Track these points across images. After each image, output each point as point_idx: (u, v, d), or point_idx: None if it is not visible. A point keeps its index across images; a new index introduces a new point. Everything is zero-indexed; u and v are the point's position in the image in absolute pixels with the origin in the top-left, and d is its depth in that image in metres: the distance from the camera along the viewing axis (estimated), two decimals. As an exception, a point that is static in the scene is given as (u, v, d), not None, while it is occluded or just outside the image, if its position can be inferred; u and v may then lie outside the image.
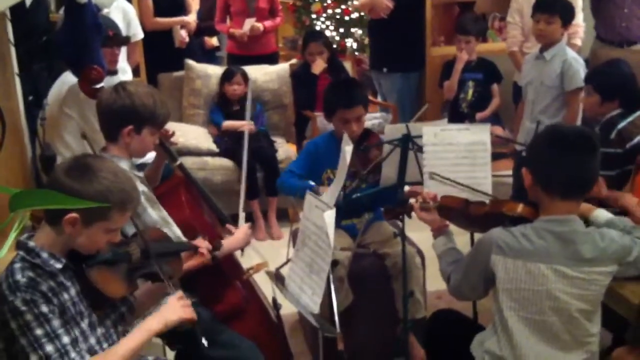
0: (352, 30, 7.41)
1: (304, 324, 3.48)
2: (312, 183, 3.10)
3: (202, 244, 2.51)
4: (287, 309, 2.87)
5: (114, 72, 3.79)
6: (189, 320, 2.07)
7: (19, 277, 1.86)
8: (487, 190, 2.71)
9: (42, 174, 3.56)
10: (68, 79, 3.57)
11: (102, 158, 2.08)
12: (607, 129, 3.28)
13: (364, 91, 3.45)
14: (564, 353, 2.18)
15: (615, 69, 3.39)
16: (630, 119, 3.27)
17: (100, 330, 2.03)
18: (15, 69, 3.85)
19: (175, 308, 2.06)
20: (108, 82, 3.28)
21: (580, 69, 3.97)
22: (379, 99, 5.73)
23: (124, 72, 4.22)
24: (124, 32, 4.04)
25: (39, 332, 1.84)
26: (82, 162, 1.97)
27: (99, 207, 1.88)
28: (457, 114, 5.04)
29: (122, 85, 2.60)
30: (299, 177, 3.25)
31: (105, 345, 2.02)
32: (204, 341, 2.14)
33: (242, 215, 2.95)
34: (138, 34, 4.64)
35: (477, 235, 2.58)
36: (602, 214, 2.45)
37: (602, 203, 2.73)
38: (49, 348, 1.84)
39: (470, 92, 5.07)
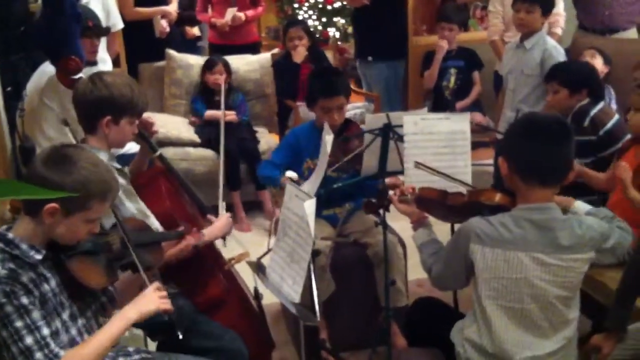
0: (335, 19, 7.41)
1: (286, 313, 3.48)
2: (292, 173, 3.09)
3: (189, 238, 2.51)
4: (269, 299, 2.88)
5: (93, 63, 3.76)
6: (165, 311, 2.07)
7: None
8: (467, 179, 2.73)
9: (22, 165, 3.53)
10: (47, 69, 3.54)
11: (81, 148, 2.07)
12: (579, 118, 3.37)
13: (345, 80, 3.45)
14: (543, 340, 2.20)
15: (575, 63, 3.50)
16: (599, 106, 3.42)
17: (81, 321, 2.03)
18: (-7, 60, 3.81)
19: (152, 298, 2.06)
20: (87, 72, 3.25)
21: (560, 58, 4.00)
22: (364, 89, 5.73)
23: (104, 63, 4.18)
24: (103, 22, 4.00)
25: (19, 324, 1.83)
26: (61, 152, 1.96)
27: (79, 196, 1.87)
28: (441, 102, 5.05)
29: (98, 75, 2.57)
30: (279, 167, 3.25)
31: (86, 336, 2.02)
32: (179, 333, 2.13)
33: (222, 205, 2.93)
34: (117, 24, 4.60)
35: (458, 226, 2.60)
36: (582, 206, 2.47)
37: (577, 189, 2.76)
38: (29, 340, 1.83)
39: (453, 79, 5.10)
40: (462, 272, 2.27)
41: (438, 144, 2.78)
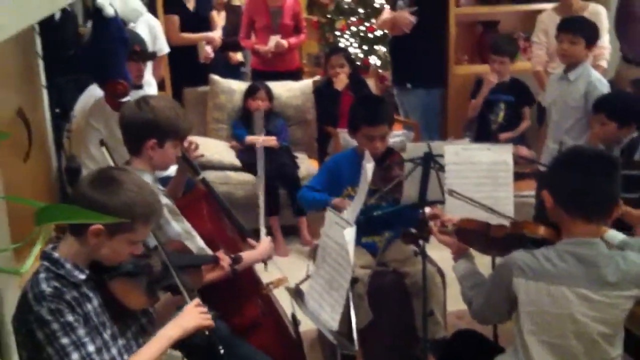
0: (376, 47, 7.44)
1: (322, 340, 3.46)
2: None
3: (223, 257, 2.51)
4: (307, 326, 2.87)
5: (139, 86, 3.83)
6: (206, 327, 2.07)
7: (44, 287, 1.88)
8: (509, 211, 2.69)
9: (68, 185, 3.60)
10: (95, 91, 3.61)
11: (127, 170, 2.10)
12: (629, 152, 3.29)
13: (389, 109, 3.44)
14: (585, 377, 2.15)
15: (623, 94, 3.44)
16: None
17: (121, 342, 2.04)
18: (43, 82, 3.91)
19: (193, 315, 2.07)
20: (134, 96, 3.31)
21: (604, 90, 3.95)
22: (401, 117, 5.73)
23: (150, 86, 4.27)
24: (150, 47, 4.09)
25: (65, 340, 1.85)
26: (107, 174, 1.99)
27: (125, 219, 1.90)
28: (486, 135, 4.98)
29: (144, 99, 2.63)
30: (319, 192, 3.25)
31: (126, 356, 2.03)
32: (221, 349, 2.14)
33: (263, 230, 2.95)
34: (164, 49, 4.70)
35: (499, 258, 2.57)
36: (615, 235, 2.42)
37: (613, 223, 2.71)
38: (75, 356, 1.86)
39: (502, 114, 4.99)
40: (503, 305, 2.23)
41: (479, 175, 2.76)
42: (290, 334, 2.94)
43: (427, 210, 2.89)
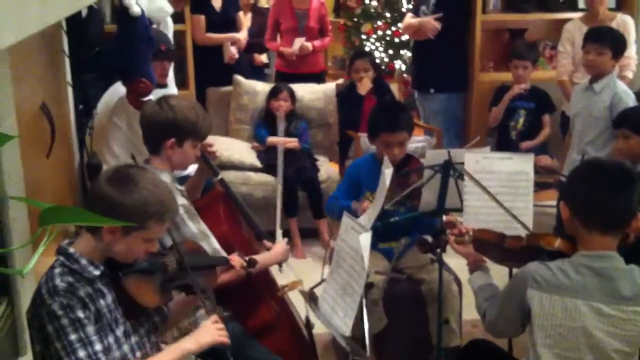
0: (402, 52, 7.43)
1: (336, 345, 3.46)
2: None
3: (236, 259, 2.52)
4: (321, 329, 2.86)
5: (163, 85, 3.86)
6: (222, 343, 2.11)
7: (58, 281, 1.91)
8: (528, 221, 2.67)
9: (88, 181, 3.63)
10: (119, 89, 3.64)
11: (143, 169, 2.12)
12: None
13: (409, 116, 3.43)
14: (598, 392, 2.12)
15: None
16: None
17: (134, 339, 2.06)
18: (68, 79, 3.94)
19: (210, 331, 2.10)
20: (157, 95, 3.33)
21: (630, 103, 3.90)
22: (422, 121, 5.71)
23: (172, 85, 4.29)
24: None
25: (73, 337, 1.87)
26: (124, 172, 2.01)
27: (138, 216, 1.92)
28: (506, 142, 4.96)
29: (164, 98, 2.64)
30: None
31: (138, 354, 2.05)
32: (230, 358, 2.16)
33: (279, 232, 2.95)
34: None
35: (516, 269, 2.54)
36: None
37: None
38: (81, 353, 1.87)
39: (521, 120, 4.97)
40: (517, 318, 2.21)
41: (499, 184, 2.74)
42: (304, 337, 2.94)
43: (444, 218, 2.88)
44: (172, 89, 4.34)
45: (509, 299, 2.23)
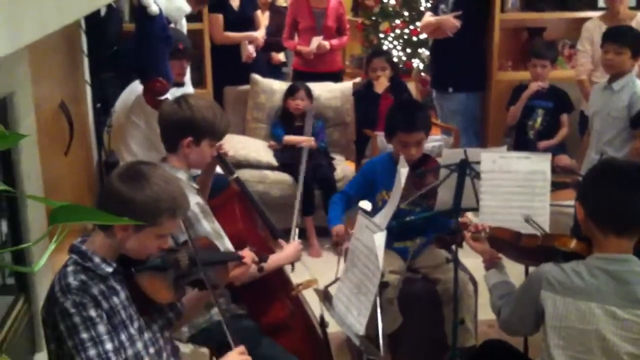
0: (419, 51, 7.41)
1: (350, 344, 3.46)
2: (366, 204, 3.08)
3: (248, 254, 2.51)
4: (335, 327, 2.87)
5: (181, 84, 3.87)
6: None
7: (70, 279, 1.92)
8: (545, 221, 2.66)
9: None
10: (137, 88, 3.66)
11: (155, 165, 2.12)
12: None
13: (427, 115, 3.42)
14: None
15: None
16: None
17: (147, 335, 2.07)
18: (87, 77, 3.97)
19: None
20: (174, 93, 3.35)
21: (649, 103, 3.87)
22: (439, 121, 5.69)
23: (189, 84, 4.30)
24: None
25: (84, 335, 1.88)
26: (136, 168, 2.02)
27: (150, 213, 1.93)
28: (524, 141, 4.93)
29: (183, 97, 2.66)
30: (351, 199, 3.25)
31: (151, 350, 2.05)
32: None
33: (295, 230, 2.95)
34: None
35: (532, 268, 2.53)
36: None
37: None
38: (92, 352, 1.88)
39: (539, 120, 4.94)
40: (530, 317, 2.20)
41: (515, 183, 2.73)
42: (318, 335, 2.94)
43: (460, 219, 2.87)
44: (188, 88, 4.35)
45: (524, 299, 2.22)
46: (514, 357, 2.65)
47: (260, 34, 5.68)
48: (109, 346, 1.90)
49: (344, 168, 5.02)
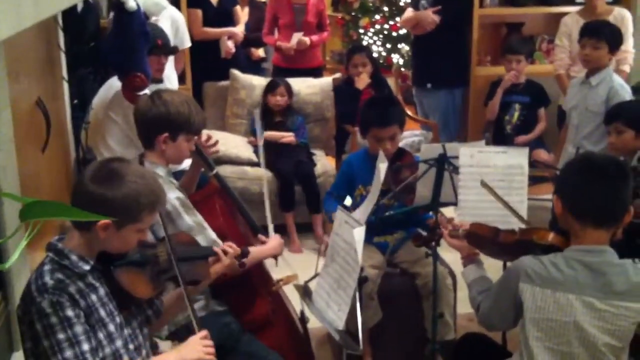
0: (399, 46, 7.43)
1: (331, 338, 3.47)
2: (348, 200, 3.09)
3: (231, 246, 2.47)
4: (316, 323, 2.87)
5: (159, 80, 3.84)
6: None
7: (47, 279, 1.90)
8: (522, 215, 2.67)
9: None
10: (115, 83, 3.63)
11: (127, 161, 2.07)
12: None
13: (400, 110, 3.44)
14: (589, 385, 2.13)
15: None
16: None
17: (127, 331, 2.05)
18: (64, 74, 3.94)
19: (196, 347, 2.04)
20: (153, 89, 3.32)
21: (626, 97, 3.91)
22: (420, 116, 5.71)
23: (169, 80, 4.28)
24: (171, 40, 4.10)
25: (61, 336, 1.86)
26: (108, 167, 1.98)
27: (130, 210, 1.91)
28: (502, 136, 4.96)
29: (157, 93, 2.64)
30: (338, 198, 3.26)
31: (131, 346, 2.03)
32: None
33: (271, 226, 2.94)
34: (185, 42, 4.71)
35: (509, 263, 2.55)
36: None
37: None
38: (68, 353, 1.86)
39: (516, 114, 4.97)
40: (510, 311, 2.22)
41: (494, 178, 2.75)
42: (299, 331, 2.95)
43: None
44: (173, 83, 4.33)
45: (502, 293, 2.24)
46: (493, 350, 2.67)
47: (239, 30, 5.66)
48: (85, 347, 1.88)
49: (324, 163, 5.03)
